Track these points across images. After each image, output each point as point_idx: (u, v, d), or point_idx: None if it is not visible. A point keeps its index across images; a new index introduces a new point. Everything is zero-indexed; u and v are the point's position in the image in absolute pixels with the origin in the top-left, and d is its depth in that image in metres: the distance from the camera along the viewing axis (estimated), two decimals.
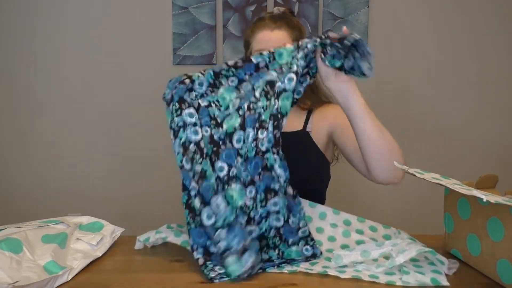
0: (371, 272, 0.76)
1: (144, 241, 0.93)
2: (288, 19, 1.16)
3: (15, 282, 0.67)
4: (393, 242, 0.80)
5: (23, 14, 2.03)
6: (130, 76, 2.05)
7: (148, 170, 2.08)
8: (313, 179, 1.14)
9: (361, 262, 0.79)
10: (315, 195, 1.11)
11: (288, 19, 1.15)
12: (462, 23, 2.02)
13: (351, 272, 0.76)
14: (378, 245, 0.80)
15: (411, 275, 0.74)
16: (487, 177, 0.87)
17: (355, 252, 0.79)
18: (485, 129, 2.06)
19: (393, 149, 0.96)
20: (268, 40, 1.11)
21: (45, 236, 0.83)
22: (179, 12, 2.00)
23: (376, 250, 0.79)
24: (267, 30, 1.12)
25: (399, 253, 0.76)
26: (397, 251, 0.76)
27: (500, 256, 0.72)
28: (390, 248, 0.78)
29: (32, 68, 2.05)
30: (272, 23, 1.13)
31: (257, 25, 1.15)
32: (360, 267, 0.78)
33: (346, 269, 0.78)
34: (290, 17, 1.17)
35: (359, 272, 0.76)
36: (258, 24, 1.15)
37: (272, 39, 1.10)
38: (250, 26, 1.20)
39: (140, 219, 2.16)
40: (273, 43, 1.10)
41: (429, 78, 2.04)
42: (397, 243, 0.79)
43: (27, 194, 2.11)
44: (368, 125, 0.94)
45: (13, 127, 2.08)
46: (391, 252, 0.77)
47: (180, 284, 0.76)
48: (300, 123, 1.19)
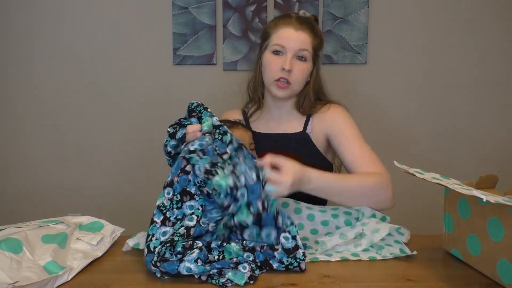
0: (352, 251, 0.88)
1: (134, 245, 0.91)
2: (313, 24, 1.16)
3: (15, 282, 0.67)
4: (362, 222, 0.93)
5: (23, 14, 2.03)
6: (130, 76, 2.05)
7: (148, 170, 2.08)
8: None
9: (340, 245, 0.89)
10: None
11: (313, 25, 1.16)
12: (462, 23, 2.02)
13: (338, 254, 0.86)
14: (352, 227, 0.93)
15: (385, 249, 0.87)
16: (487, 177, 0.87)
17: (335, 236, 0.90)
18: (485, 129, 2.06)
19: (375, 191, 0.99)
20: (290, 38, 1.11)
21: (45, 236, 0.83)
22: (179, 12, 2.00)
23: (351, 231, 0.91)
24: (291, 28, 1.11)
25: (374, 232, 0.89)
26: (370, 230, 0.90)
27: (500, 256, 0.72)
28: (361, 228, 0.91)
29: (32, 68, 2.05)
30: (298, 23, 1.12)
31: (283, 20, 1.14)
32: (341, 248, 0.89)
33: (331, 252, 0.88)
34: (315, 24, 1.18)
35: (343, 253, 0.87)
36: (284, 20, 1.14)
37: (294, 38, 1.11)
38: (274, 19, 1.19)
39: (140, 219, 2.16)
40: (294, 42, 1.11)
41: (429, 78, 2.04)
42: (365, 222, 0.92)
43: (27, 194, 2.11)
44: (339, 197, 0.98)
45: (13, 127, 2.08)
46: (363, 231, 0.90)
47: (180, 284, 0.76)
48: (300, 125, 1.19)
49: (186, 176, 0.86)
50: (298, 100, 1.20)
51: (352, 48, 2.00)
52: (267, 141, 1.19)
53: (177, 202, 0.85)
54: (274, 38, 1.13)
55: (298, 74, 1.12)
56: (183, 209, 0.84)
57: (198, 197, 0.85)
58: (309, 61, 1.14)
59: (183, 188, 0.86)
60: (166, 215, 0.84)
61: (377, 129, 2.01)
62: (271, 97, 1.19)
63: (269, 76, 1.14)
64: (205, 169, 0.84)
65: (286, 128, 1.20)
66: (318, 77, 1.20)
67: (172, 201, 0.85)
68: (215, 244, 0.82)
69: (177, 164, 0.88)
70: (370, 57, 2.02)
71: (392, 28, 2.01)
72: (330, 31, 1.99)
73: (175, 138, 0.98)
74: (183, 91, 2.05)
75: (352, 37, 1.99)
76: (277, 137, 1.19)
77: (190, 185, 0.86)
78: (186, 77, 2.05)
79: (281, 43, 1.11)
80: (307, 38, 1.12)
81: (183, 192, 0.85)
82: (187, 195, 0.85)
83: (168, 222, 0.83)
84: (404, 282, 0.75)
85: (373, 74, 2.02)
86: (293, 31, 1.11)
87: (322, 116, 1.18)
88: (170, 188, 0.86)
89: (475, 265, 0.80)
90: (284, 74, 1.11)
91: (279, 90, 1.13)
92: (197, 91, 2.04)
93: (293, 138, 1.18)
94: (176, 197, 0.85)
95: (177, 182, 0.86)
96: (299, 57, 1.12)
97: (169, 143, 0.98)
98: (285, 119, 1.21)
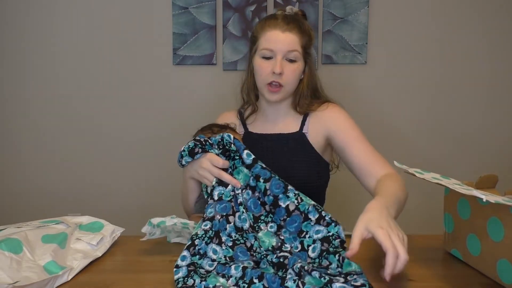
0: None
1: (159, 223, 0.91)
2: (301, 22, 1.14)
3: (15, 282, 0.67)
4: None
5: (24, 14, 2.03)
6: (130, 76, 2.05)
7: (148, 170, 2.08)
8: (310, 178, 1.14)
9: None
10: (313, 194, 1.11)
11: (301, 22, 1.14)
12: (461, 23, 2.02)
13: None
14: None
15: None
16: (487, 177, 0.87)
17: None
18: (485, 129, 2.06)
19: (405, 194, 0.99)
20: (277, 41, 1.09)
21: (45, 236, 0.83)
22: (179, 12, 2.00)
23: None
24: (278, 30, 1.10)
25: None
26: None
27: (500, 256, 0.72)
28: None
29: (31, 68, 2.05)
30: (285, 23, 1.10)
31: (268, 22, 1.12)
32: None
33: None
34: (302, 21, 1.16)
35: None
36: (270, 22, 1.12)
37: (281, 41, 1.09)
38: (261, 21, 1.17)
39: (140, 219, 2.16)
40: (282, 44, 1.09)
41: (429, 78, 2.04)
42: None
43: (27, 194, 2.11)
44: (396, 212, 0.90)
45: (13, 127, 2.08)
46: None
47: None
48: (297, 125, 1.19)
49: (225, 224, 0.88)
50: (294, 99, 1.20)
51: (352, 48, 2.00)
52: (263, 142, 1.19)
53: (210, 238, 0.86)
54: (262, 42, 1.11)
55: (290, 75, 1.12)
56: (208, 247, 0.85)
57: (226, 246, 0.86)
58: (299, 60, 1.13)
59: (219, 230, 0.87)
60: (195, 242, 0.84)
61: (377, 129, 2.01)
62: (265, 99, 1.19)
63: (260, 80, 1.14)
64: (249, 224, 0.89)
65: (282, 128, 1.20)
66: (311, 74, 1.19)
67: (206, 233, 0.86)
68: None
69: (224, 206, 0.90)
70: (370, 57, 2.02)
71: (392, 28, 2.01)
72: (330, 31, 1.99)
73: (192, 157, 1.00)
74: (183, 91, 2.05)
75: (352, 37, 1.99)
76: (274, 138, 1.19)
77: (224, 233, 0.87)
78: (186, 77, 2.05)
79: (269, 46, 1.10)
80: (294, 38, 1.10)
81: (217, 234, 0.87)
82: (217, 238, 0.86)
83: (192, 249, 0.83)
84: (404, 282, 0.75)
85: (373, 74, 2.02)
86: (280, 33, 1.09)
87: (320, 116, 1.17)
88: (210, 222, 0.88)
89: (475, 265, 0.80)
90: (275, 77, 1.10)
91: (272, 94, 1.13)
92: (197, 91, 2.05)
93: (290, 138, 1.17)
94: (210, 233, 0.87)
95: (219, 221, 0.88)
96: (288, 58, 1.11)
97: (185, 158, 1.01)
98: (281, 119, 1.21)
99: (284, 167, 1.12)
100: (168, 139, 2.04)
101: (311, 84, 1.20)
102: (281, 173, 0.96)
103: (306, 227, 0.88)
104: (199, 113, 1.99)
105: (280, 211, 0.90)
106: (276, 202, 0.90)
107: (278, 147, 1.17)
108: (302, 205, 0.90)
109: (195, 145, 0.99)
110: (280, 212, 0.90)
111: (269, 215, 0.92)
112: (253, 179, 0.93)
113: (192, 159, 1.00)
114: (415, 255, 0.87)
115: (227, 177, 0.95)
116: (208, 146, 0.99)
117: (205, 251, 0.84)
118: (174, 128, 2.03)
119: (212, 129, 1.16)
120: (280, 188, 0.91)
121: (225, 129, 1.16)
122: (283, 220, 0.90)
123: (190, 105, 2.04)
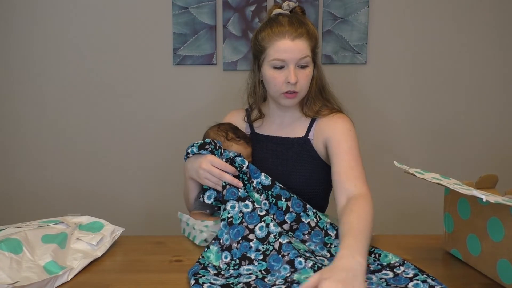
0: None
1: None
2: (305, 23, 1.11)
3: (15, 282, 0.67)
4: None
5: (24, 15, 2.03)
6: (129, 76, 2.05)
7: (148, 170, 2.08)
8: (311, 183, 1.13)
9: None
10: (314, 198, 1.11)
11: (306, 24, 1.11)
12: (462, 24, 2.01)
13: None
14: None
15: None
16: (487, 177, 0.87)
17: None
18: (485, 129, 2.06)
19: (372, 220, 0.92)
20: (288, 51, 1.06)
21: (45, 236, 0.83)
22: (179, 12, 2.00)
23: None
24: (287, 39, 1.06)
25: None
26: None
27: (500, 256, 0.72)
28: None
29: (33, 67, 2.05)
30: (293, 30, 1.07)
31: (275, 31, 1.08)
32: None
33: None
34: (306, 21, 1.12)
35: None
36: (276, 30, 1.08)
37: (292, 50, 1.06)
38: (266, 29, 1.11)
39: (140, 219, 2.16)
40: (294, 53, 1.06)
41: (429, 78, 2.04)
42: None
43: (27, 194, 2.11)
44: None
45: (14, 126, 2.08)
46: None
47: (180, 284, 0.76)
48: (303, 130, 1.18)
49: (248, 243, 0.88)
50: (302, 99, 1.19)
51: (352, 48, 2.00)
52: (269, 144, 1.19)
53: (234, 265, 0.85)
54: (272, 53, 1.08)
55: (303, 81, 1.10)
56: (240, 270, 0.84)
57: (258, 262, 0.85)
58: (310, 64, 1.11)
59: (243, 254, 0.87)
60: (221, 273, 0.83)
61: (377, 129, 2.01)
62: (276, 104, 1.18)
63: (275, 90, 1.11)
64: (274, 222, 0.91)
65: (288, 132, 1.19)
66: (319, 73, 1.18)
67: (229, 265, 0.85)
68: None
69: (237, 231, 0.90)
70: (370, 57, 2.02)
71: (392, 28, 2.01)
72: (330, 31, 1.99)
73: (199, 150, 1.02)
74: (183, 91, 2.05)
75: (352, 37, 1.99)
76: (279, 140, 1.18)
77: (251, 251, 0.87)
78: (186, 77, 2.05)
79: (281, 57, 1.07)
80: (304, 44, 1.08)
81: (243, 257, 0.86)
82: (246, 260, 0.86)
83: (221, 277, 0.82)
84: None
85: (373, 74, 2.02)
86: (289, 42, 1.06)
87: (325, 122, 1.16)
88: (228, 252, 0.87)
89: (475, 265, 0.80)
90: (291, 87, 1.08)
91: (288, 100, 1.11)
92: (197, 91, 2.04)
93: (295, 143, 1.17)
94: (234, 261, 0.86)
95: (237, 248, 0.88)
96: (300, 65, 1.09)
97: (192, 148, 1.03)
98: (289, 122, 1.20)
99: (286, 171, 1.12)
100: (168, 139, 2.04)
101: (320, 83, 1.18)
102: (283, 177, 0.96)
103: (329, 240, 0.96)
104: (199, 113, 1.98)
105: (304, 226, 0.97)
106: (299, 218, 0.98)
107: (282, 151, 1.16)
108: (321, 222, 0.99)
109: (210, 142, 1.01)
110: (304, 227, 0.97)
111: (288, 232, 0.95)
112: (272, 198, 0.99)
113: (197, 152, 1.01)
114: (415, 255, 0.87)
115: (228, 178, 0.94)
116: (217, 152, 1.00)
117: (238, 274, 0.83)
118: (174, 128, 2.03)
119: (228, 134, 1.14)
120: (300, 207, 0.99)
121: (238, 140, 1.14)
122: (307, 234, 0.96)
123: (190, 105, 2.04)
